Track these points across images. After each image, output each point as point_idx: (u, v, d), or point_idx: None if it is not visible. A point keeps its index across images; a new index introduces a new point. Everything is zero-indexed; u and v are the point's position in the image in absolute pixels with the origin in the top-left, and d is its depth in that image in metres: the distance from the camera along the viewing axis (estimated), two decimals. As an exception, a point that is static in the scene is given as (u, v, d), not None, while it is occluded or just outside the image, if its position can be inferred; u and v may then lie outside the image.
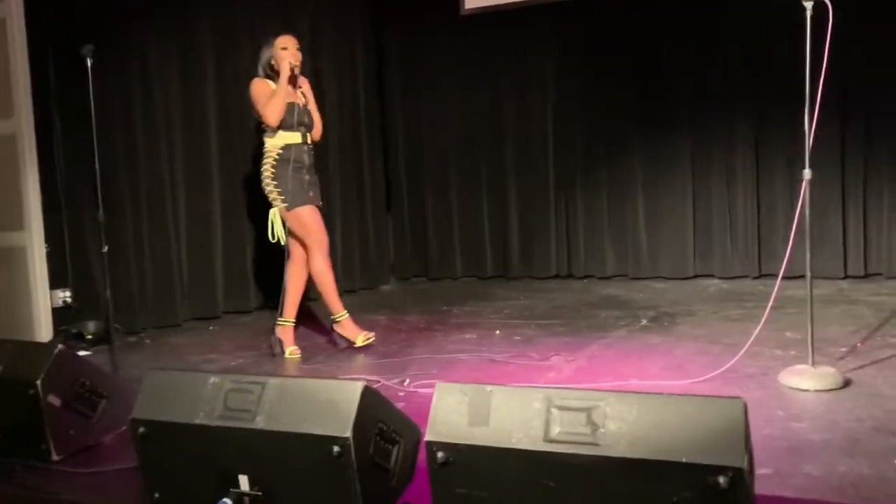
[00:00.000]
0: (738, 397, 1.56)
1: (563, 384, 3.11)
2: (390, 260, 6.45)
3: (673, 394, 1.66)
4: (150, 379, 2.05)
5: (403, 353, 3.82)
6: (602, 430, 1.61)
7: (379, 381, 3.22)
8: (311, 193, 3.86)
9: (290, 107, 3.79)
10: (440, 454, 1.69)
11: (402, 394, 3.09)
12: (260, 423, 1.85)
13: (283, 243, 3.86)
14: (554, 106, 5.98)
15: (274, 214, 3.83)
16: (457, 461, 1.69)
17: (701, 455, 1.51)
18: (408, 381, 3.26)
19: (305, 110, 3.90)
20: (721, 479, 1.48)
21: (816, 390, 2.87)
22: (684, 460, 1.52)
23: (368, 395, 1.85)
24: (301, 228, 3.81)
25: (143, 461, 2.01)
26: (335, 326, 3.97)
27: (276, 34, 3.96)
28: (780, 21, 4.92)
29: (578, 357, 3.60)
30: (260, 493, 1.86)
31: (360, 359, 3.78)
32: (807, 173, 3.00)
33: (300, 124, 3.83)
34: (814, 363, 2.99)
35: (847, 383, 2.93)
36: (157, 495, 2.01)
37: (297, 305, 3.93)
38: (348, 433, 1.75)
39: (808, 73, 2.97)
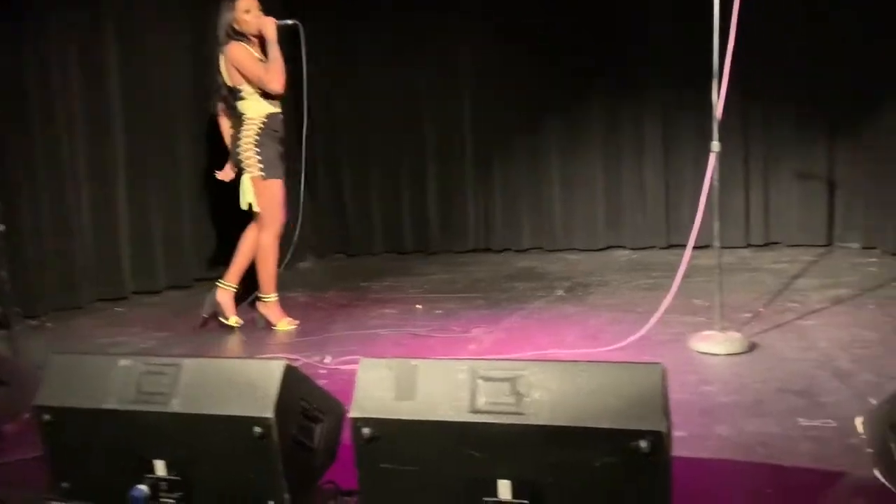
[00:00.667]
0: (657, 362, 1.60)
1: (485, 356, 3.14)
2: (307, 237, 6.31)
3: (594, 361, 1.69)
4: (53, 363, 1.93)
5: (323, 331, 3.76)
6: (527, 399, 1.62)
7: (299, 360, 3.16)
8: (284, 167, 3.77)
9: None
10: (365, 430, 1.67)
11: (323, 371, 3.05)
12: (176, 406, 1.78)
13: (255, 209, 3.76)
14: (471, 82, 5.97)
15: (247, 182, 3.71)
16: (383, 436, 1.67)
17: (622, 420, 1.54)
18: (329, 358, 3.21)
19: None
20: (642, 444, 1.51)
21: (725, 354, 3.00)
22: (606, 426, 1.55)
23: (290, 373, 1.80)
24: (269, 200, 3.73)
25: (50, 450, 1.90)
26: (260, 306, 3.88)
27: None
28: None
29: (498, 329, 3.64)
30: (178, 478, 1.79)
31: (280, 337, 3.71)
32: (715, 145, 3.11)
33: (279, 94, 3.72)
34: (722, 329, 3.12)
35: (752, 347, 3.08)
36: (65, 485, 1.91)
37: (242, 274, 3.84)
38: (270, 413, 1.70)
39: (716, 48, 3.06)
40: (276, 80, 3.64)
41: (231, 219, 5.44)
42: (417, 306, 4.21)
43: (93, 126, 4.68)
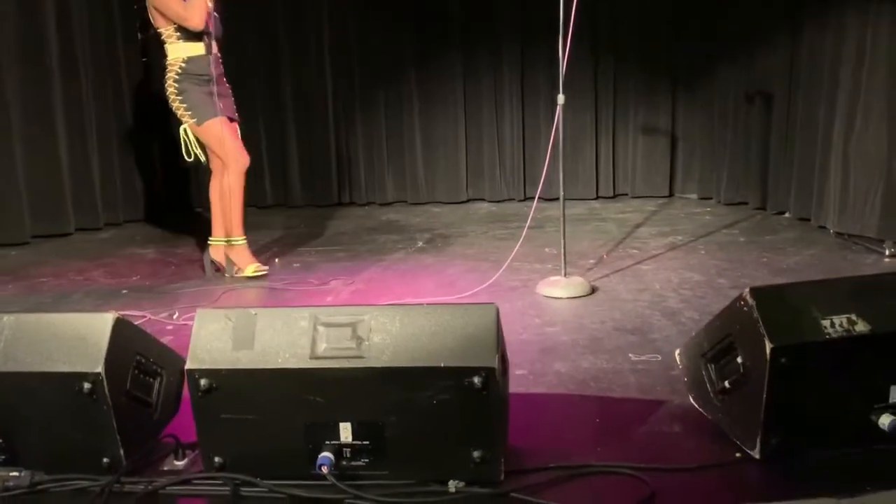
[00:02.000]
0: (491, 303, 1.67)
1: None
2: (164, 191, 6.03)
3: (432, 303, 1.74)
4: None
5: (173, 288, 3.63)
6: (367, 343, 1.65)
7: (146, 316, 3.04)
8: (221, 105, 3.53)
9: None
10: (203, 381, 1.64)
11: (170, 327, 2.95)
12: (-5, 365, 1.67)
13: (202, 160, 3.61)
14: (331, 37, 5.83)
15: (184, 132, 3.53)
16: (220, 387, 1.65)
17: (457, 359, 1.60)
18: (177, 314, 3.11)
19: (212, 16, 3.48)
20: (476, 380, 1.59)
21: (568, 298, 3.16)
22: (442, 365, 1.61)
23: (122, 327, 1.73)
24: (214, 142, 3.54)
25: None
26: (227, 250, 3.72)
27: None
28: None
29: (357, 280, 3.65)
30: (0, 441, 1.69)
31: (125, 295, 3.53)
32: (560, 98, 3.21)
33: (205, 33, 3.45)
34: (566, 274, 3.28)
35: (594, 290, 3.27)
36: None
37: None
38: (99, 368, 1.63)
39: (562, 2, 3.14)
40: (196, 15, 3.39)
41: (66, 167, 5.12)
42: (275, 260, 4.14)
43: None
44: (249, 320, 1.71)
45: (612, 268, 3.68)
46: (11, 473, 1.67)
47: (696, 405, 1.95)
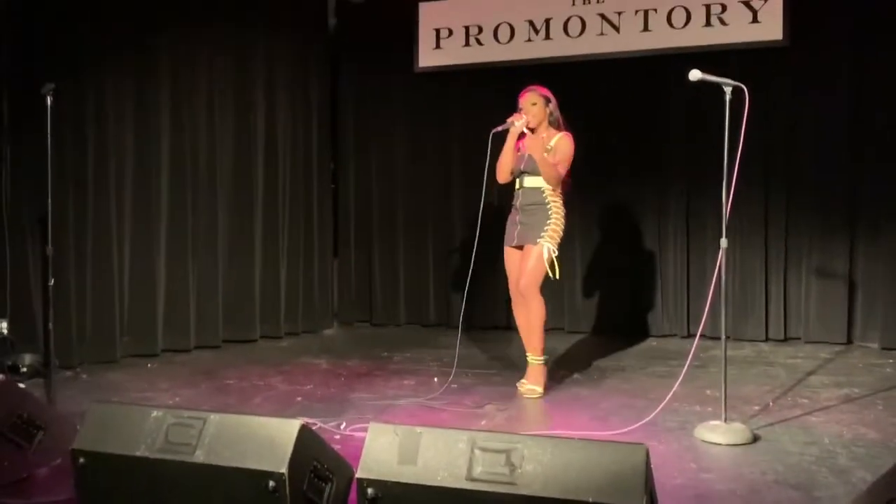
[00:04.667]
0: (641, 443, 1.73)
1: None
2: (334, 304, 6.54)
3: (583, 438, 1.82)
4: (93, 410, 2.11)
5: (342, 398, 3.91)
6: (519, 471, 1.75)
7: (316, 424, 3.30)
8: (511, 234, 4.08)
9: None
10: (370, 490, 1.81)
11: (338, 436, 3.18)
12: (200, 457, 1.94)
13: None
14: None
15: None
16: (385, 497, 1.81)
17: (605, 495, 1.67)
18: (344, 424, 3.35)
19: (530, 159, 4.02)
20: (623, 518, 1.63)
21: (727, 444, 3.07)
22: (591, 500, 1.67)
23: (305, 433, 1.96)
24: None
25: (82, 492, 2.06)
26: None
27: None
28: (710, 100, 5.32)
29: (511, 407, 3.75)
30: (194, 525, 1.93)
31: (300, 402, 3.85)
32: (723, 242, 3.26)
33: (521, 172, 4.06)
34: (726, 419, 3.20)
35: (756, 439, 3.15)
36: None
37: (530, 341, 4.03)
38: (284, 469, 1.85)
39: (726, 149, 3.25)
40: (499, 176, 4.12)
41: (258, 282, 5.73)
42: (434, 379, 4.34)
43: (139, 188, 5.00)
44: (414, 437, 1.87)
45: (777, 417, 3.53)
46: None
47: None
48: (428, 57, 6.32)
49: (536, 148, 3.94)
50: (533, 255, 3.91)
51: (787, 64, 5.44)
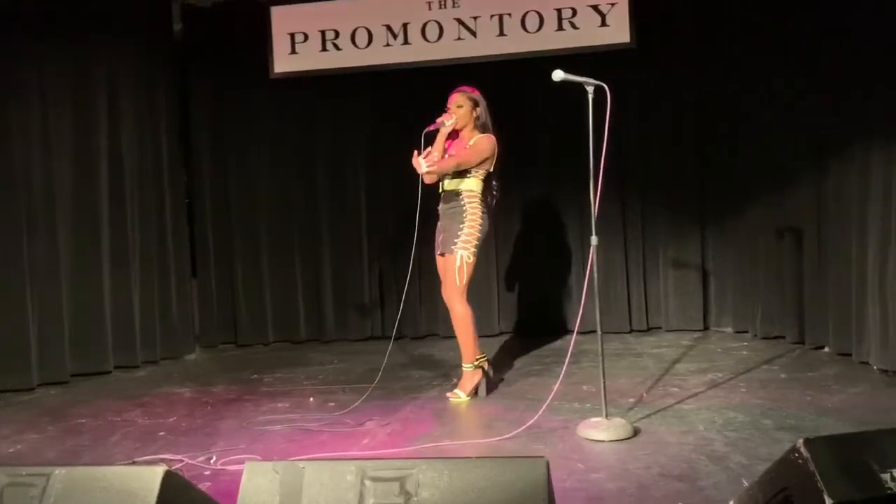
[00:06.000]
0: (540, 456, 1.66)
1: (378, 450, 3.11)
2: (195, 327, 6.13)
3: (482, 457, 1.72)
4: None
5: (210, 428, 3.62)
6: (415, 499, 1.63)
7: (182, 461, 3.03)
8: (438, 241, 4.04)
9: None
10: (250, 538, 1.63)
11: (207, 472, 2.92)
12: (44, 521, 1.67)
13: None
14: (367, 172, 6.09)
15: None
16: (268, 544, 1.63)
17: (508, 516, 1.57)
18: (214, 458, 3.09)
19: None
20: (527, 538, 1.55)
21: (610, 441, 3.10)
22: (493, 523, 1.57)
23: (170, 480, 1.74)
24: None
25: None
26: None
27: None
28: (566, 103, 5.46)
29: (393, 420, 3.62)
30: None
31: (163, 436, 3.53)
32: (594, 239, 3.30)
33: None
34: (607, 415, 3.23)
35: (636, 432, 3.20)
36: None
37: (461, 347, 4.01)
38: (147, 525, 1.63)
39: (591, 149, 3.28)
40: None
41: (109, 307, 5.27)
42: (311, 399, 4.14)
43: None
44: (297, 474, 1.70)
45: (652, 407, 3.62)
46: None
47: (756, 563, 1.86)
48: (283, 62, 6.07)
49: (461, 148, 3.98)
50: (450, 265, 3.93)
51: (635, 66, 5.66)
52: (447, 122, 3.97)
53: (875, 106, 4.14)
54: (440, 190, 4.05)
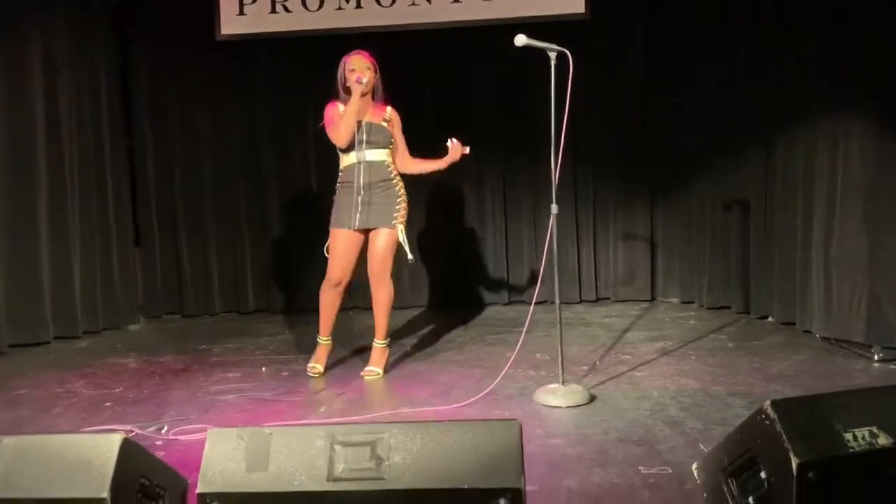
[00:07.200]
0: (513, 419, 1.64)
1: (335, 418, 3.06)
2: (139, 297, 5.94)
3: (453, 420, 1.70)
4: None
5: (159, 398, 3.51)
6: (387, 464, 1.60)
7: (133, 431, 2.93)
8: (348, 215, 3.70)
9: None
10: (215, 506, 1.57)
11: (160, 443, 2.83)
12: (-8, 492, 1.58)
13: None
14: (316, 139, 5.95)
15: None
16: (234, 511, 1.58)
17: (482, 479, 1.56)
18: (166, 428, 3.00)
19: (371, 128, 3.71)
20: (502, 502, 1.53)
21: (568, 406, 3.12)
22: (466, 486, 1.56)
23: (128, 447, 1.66)
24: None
25: None
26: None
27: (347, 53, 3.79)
28: (520, 71, 5.44)
29: (349, 389, 3.58)
30: (-8, 576, 1.58)
31: (109, 407, 3.41)
32: (554, 208, 3.29)
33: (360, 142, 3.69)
34: (563, 382, 3.25)
35: (593, 398, 3.23)
36: None
37: (380, 324, 3.84)
38: (105, 493, 1.56)
39: (553, 118, 3.26)
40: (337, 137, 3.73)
41: (47, 276, 5.06)
42: (263, 369, 4.06)
43: None
44: (264, 440, 1.65)
45: (606, 374, 3.66)
46: None
47: (718, 522, 1.90)
48: (231, 24, 5.86)
49: (378, 118, 3.78)
50: (390, 239, 3.70)
51: (588, 37, 5.64)
52: (364, 80, 3.67)
53: (820, 84, 4.22)
54: (355, 161, 3.70)
